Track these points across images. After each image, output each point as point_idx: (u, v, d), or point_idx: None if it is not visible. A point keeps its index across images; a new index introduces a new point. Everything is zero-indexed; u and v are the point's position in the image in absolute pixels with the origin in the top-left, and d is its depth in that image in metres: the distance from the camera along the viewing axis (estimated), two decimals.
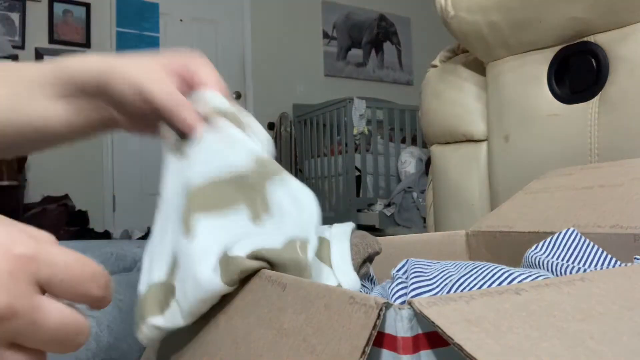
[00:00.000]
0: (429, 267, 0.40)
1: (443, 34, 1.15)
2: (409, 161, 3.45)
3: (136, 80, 0.39)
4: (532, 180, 0.66)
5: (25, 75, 0.44)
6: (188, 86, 0.42)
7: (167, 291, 0.33)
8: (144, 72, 0.40)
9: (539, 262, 0.42)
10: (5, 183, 2.69)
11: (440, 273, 0.38)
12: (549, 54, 0.92)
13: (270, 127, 4.11)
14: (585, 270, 0.40)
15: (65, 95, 0.43)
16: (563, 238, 0.45)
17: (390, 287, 0.38)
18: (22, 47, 3.22)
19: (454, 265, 0.41)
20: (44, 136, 0.44)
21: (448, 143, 1.16)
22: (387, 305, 0.22)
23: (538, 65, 0.93)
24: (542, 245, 0.45)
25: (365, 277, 0.42)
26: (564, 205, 0.54)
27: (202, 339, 0.35)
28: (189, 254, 0.33)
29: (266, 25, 4.25)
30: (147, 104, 0.39)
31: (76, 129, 0.44)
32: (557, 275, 0.40)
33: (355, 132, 3.45)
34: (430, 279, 0.37)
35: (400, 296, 0.36)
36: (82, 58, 0.42)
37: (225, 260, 0.32)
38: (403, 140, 3.67)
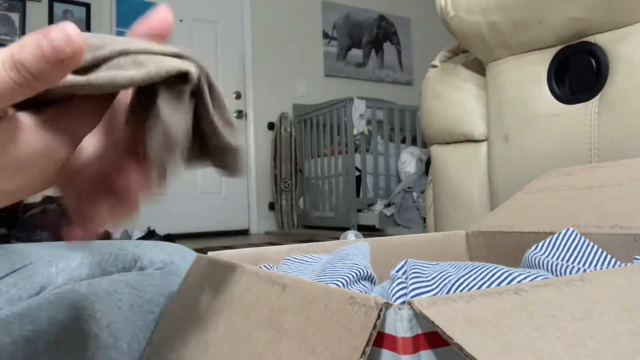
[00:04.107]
0: (427, 269, 0.40)
1: (443, 34, 1.16)
2: (409, 161, 3.46)
3: None
4: (532, 180, 0.66)
5: None
6: None
7: None
8: None
9: (538, 262, 0.42)
10: None
11: (439, 274, 0.38)
12: (548, 54, 0.92)
13: (270, 127, 4.12)
14: (585, 271, 0.40)
15: None
16: (563, 238, 0.45)
17: (390, 287, 0.38)
18: None
19: (453, 266, 0.41)
20: None
21: (448, 143, 1.16)
22: (387, 306, 0.22)
23: (538, 65, 0.93)
24: (542, 246, 0.45)
25: None
26: (564, 205, 0.54)
27: (203, 340, 0.35)
28: None
29: (266, 25, 4.25)
30: None
31: None
32: (556, 275, 0.40)
33: (355, 132, 3.45)
34: (429, 280, 0.38)
35: (400, 296, 0.36)
36: None
37: None
38: (403, 140, 3.68)
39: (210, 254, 0.48)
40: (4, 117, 0.22)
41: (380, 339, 0.23)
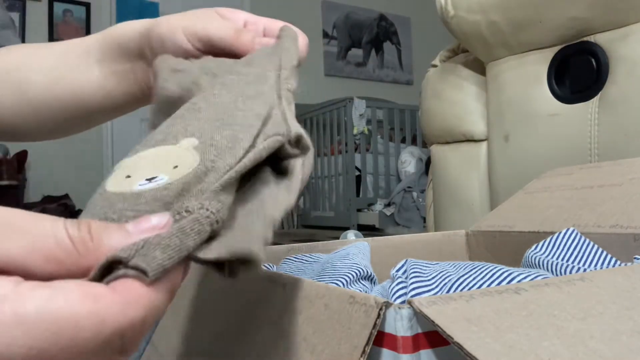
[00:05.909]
0: (427, 268, 0.40)
1: (443, 34, 1.15)
2: (409, 161, 3.45)
3: (180, 22, 0.39)
4: (532, 180, 0.66)
5: (74, 45, 0.45)
6: None
7: None
8: (187, 16, 0.40)
9: (539, 262, 0.42)
10: (5, 183, 2.69)
11: (439, 274, 0.38)
12: (549, 54, 0.92)
13: None
14: (585, 270, 0.40)
15: (108, 59, 0.43)
16: (563, 238, 0.45)
17: (390, 287, 0.38)
18: None
19: (453, 266, 0.41)
20: (83, 108, 0.45)
21: (448, 143, 1.16)
22: (387, 305, 0.22)
23: (538, 65, 0.93)
24: (542, 245, 0.45)
25: None
26: (564, 205, 0.54)
27: (203, 339, 0.35)
28: None
29: None
30: (196, 41, 0.38)
31: (114, 99, 0.44)
32: (557, 275, 0.40)
33: (355, 131, 3.45)
34: (429, 280, 0.38)
35: (400, 296, 0.36)
36: (130, 22, 0.42)
37: None
38: (403, 140, 3.67)
39: None
40: None
41: (380, 338, 0.23)
